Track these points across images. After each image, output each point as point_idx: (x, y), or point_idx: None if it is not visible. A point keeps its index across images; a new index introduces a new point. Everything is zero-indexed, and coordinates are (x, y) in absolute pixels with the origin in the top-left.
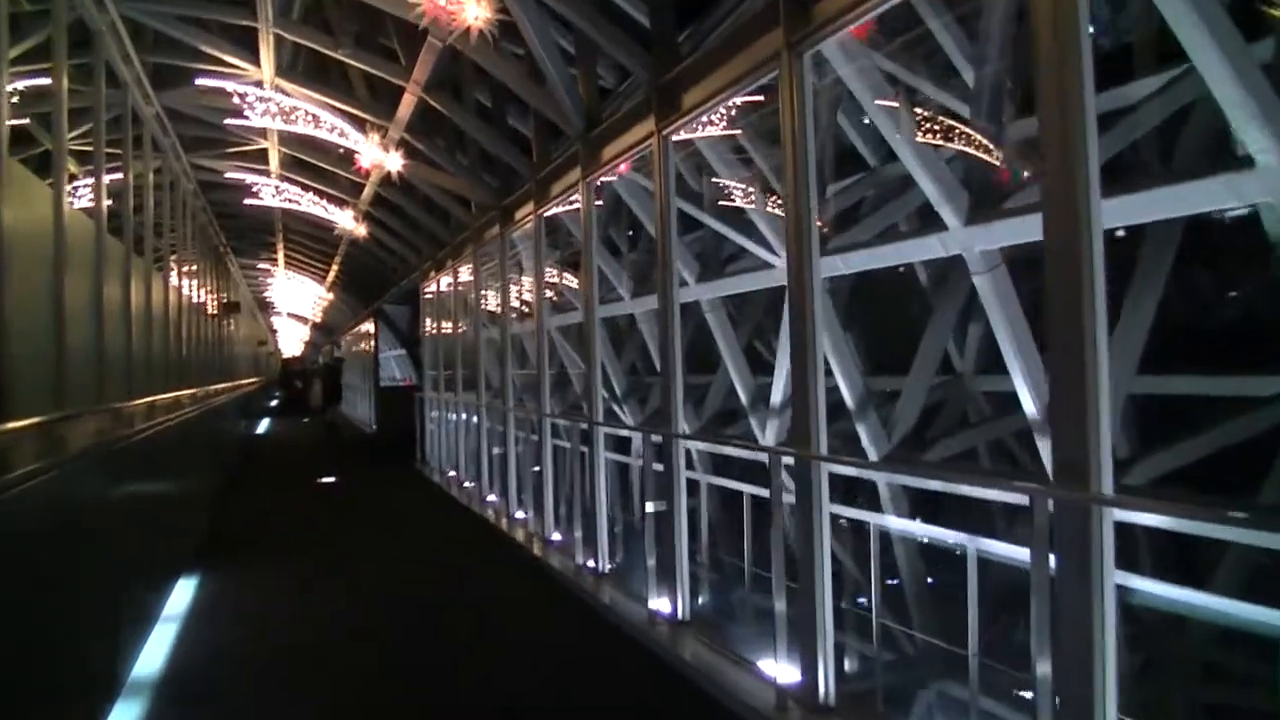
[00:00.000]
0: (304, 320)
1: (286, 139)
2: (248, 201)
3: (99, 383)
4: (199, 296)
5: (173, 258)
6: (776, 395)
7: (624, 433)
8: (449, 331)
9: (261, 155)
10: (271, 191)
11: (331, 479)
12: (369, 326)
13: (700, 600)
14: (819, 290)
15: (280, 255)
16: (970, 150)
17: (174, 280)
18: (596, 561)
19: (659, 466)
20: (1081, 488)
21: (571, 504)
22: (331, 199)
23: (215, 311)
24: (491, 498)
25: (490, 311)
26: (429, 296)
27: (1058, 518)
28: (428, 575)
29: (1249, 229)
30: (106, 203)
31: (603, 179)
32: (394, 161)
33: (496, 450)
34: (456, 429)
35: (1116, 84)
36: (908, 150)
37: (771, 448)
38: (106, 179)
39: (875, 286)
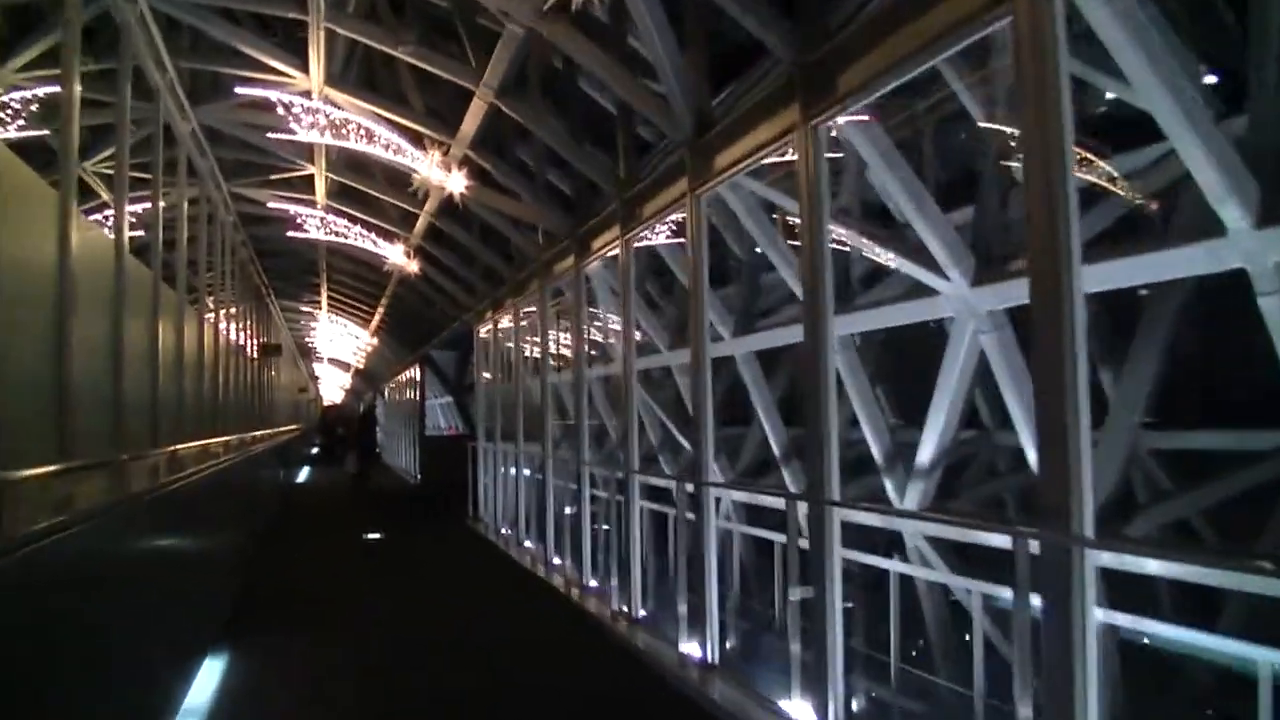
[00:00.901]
0: (346, 367)
1: (335, 164)
2: (291, 234)
3: (116, 429)
4: (238, 338)
5: (210, 298)
6: (924, 454)
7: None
8: (508, 376)
9: (307, 183)
10: (317, 223)
11: (377, 535)
12: (414, 373)
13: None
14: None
15: (324, 297)
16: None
17: (211, 319)
18: (704, 649)
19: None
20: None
21: (667, 577)
22: (381, 232)
23: (254, 355)
24: (557, 561)
25: (559, 354)
26: (485, 337)
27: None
28: (497, 665)
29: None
30: (131, 232)
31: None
32: (456, 182)
33: (568, 510)
34: (517, 484)
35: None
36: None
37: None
38: (136, 207)
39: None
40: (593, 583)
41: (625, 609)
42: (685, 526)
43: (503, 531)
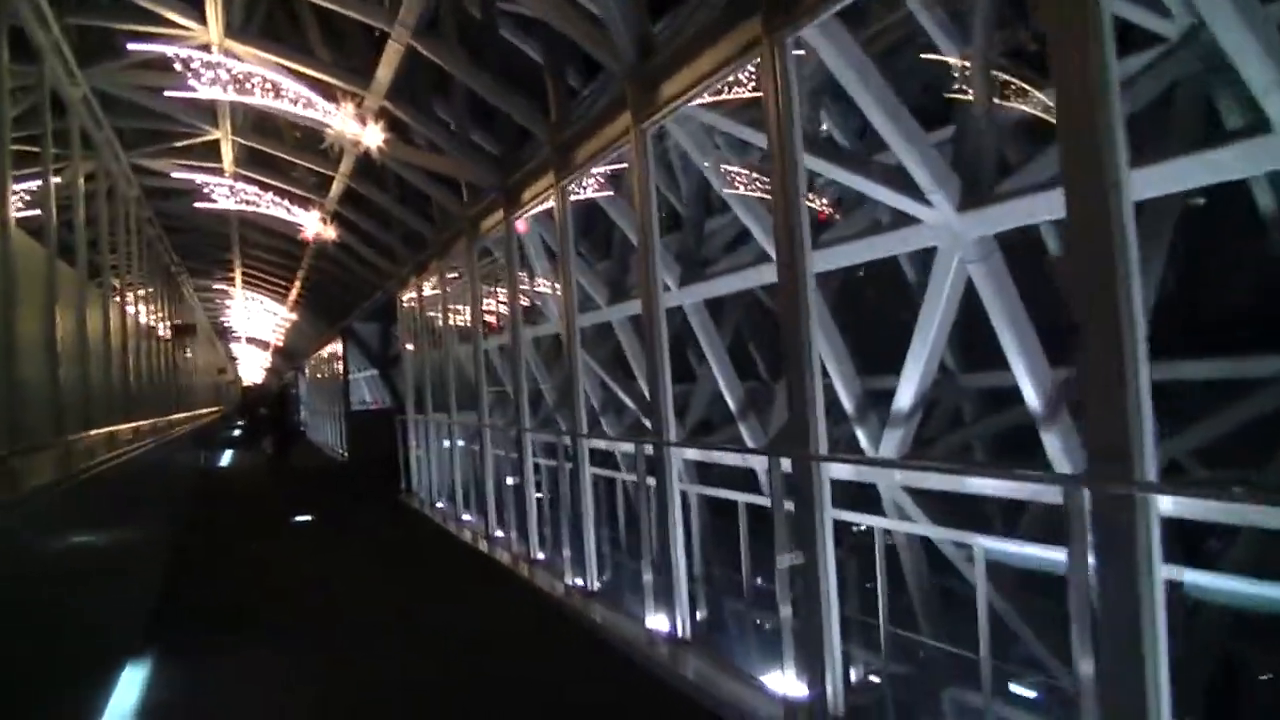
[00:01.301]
0: (265, 345)
1: (241, 127)
2: (199, 205)
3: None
4: (148, 320)
5: (115, 279)
6: (903, 399)
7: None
8: (436, 344)
9: (213, 151)
10: (226, 193)
11: (306, 517)
12: (337, 347)
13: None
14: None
15: (238, 274)
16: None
17: (118, 301)
18: (673, 623)
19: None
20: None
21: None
22: (295, 199)
23: (167, 336)
24: (500, 534)
25: (491, 318)
26: (409, 305)
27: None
28: (456, 654)
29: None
30: (27, 211)
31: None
32: (372, 136)
33: (510, 480)
34: (451, 455)
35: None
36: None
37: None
38: (22, 185)
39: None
40: (540, 555)
41: (580, 582)
42: (646, 492)
43: (438, 505)
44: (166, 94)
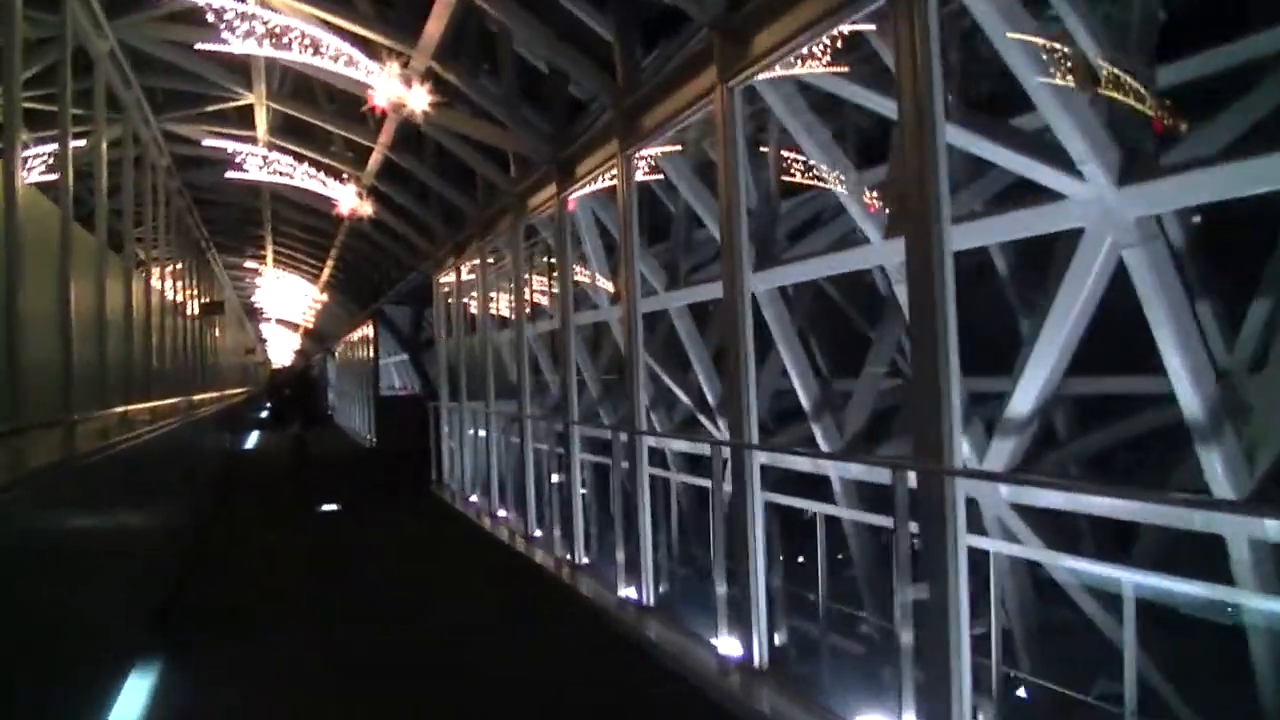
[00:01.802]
0: (295, 327)
1: (277, 92)
2: (230, 175)
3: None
4: (175, 296)
5: (140, 251)
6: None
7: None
8: (474, 329)
9: (247, 116)
10: (259, 162)
11: (333, 507)
12: (368, 330)
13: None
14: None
15: (269, 252)
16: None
17: (150, 280)
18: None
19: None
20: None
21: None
22: (330, 171)
23: (195, 314)
24: (538, 533)
25: (533, 302)
26: (446, 287)
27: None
28: (502, 677)
29: None
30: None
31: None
32: (418, 98)
33: (555, 477)
34: (487, 448)
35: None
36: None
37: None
38: (46, 148)
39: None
40: (585, 559)
41: (634, 594)
42: (720, 498)
43: (471, 499)
44: (198, 47)
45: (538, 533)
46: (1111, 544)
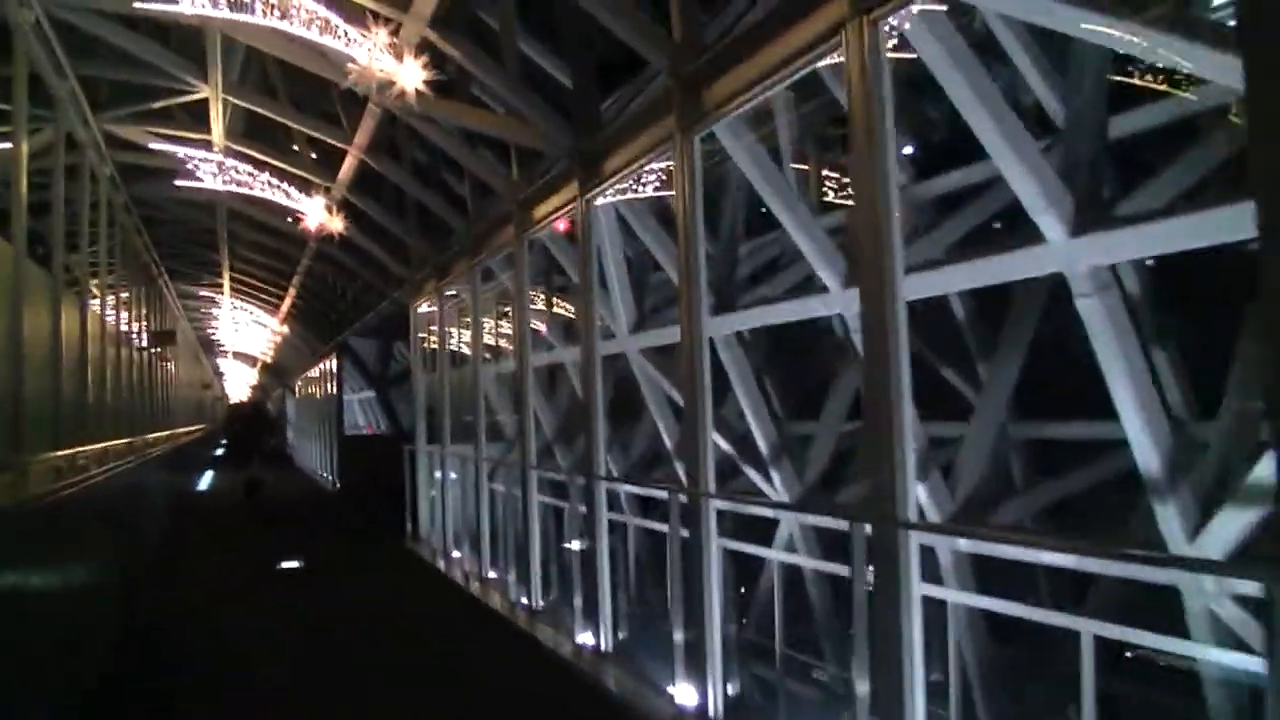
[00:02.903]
0: (254, 361)
1: (236, 82)
2: (182, 184)
3: None
4: (124, 326)
5: (92, 281)
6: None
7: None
8: (458, 361)
9: (199, 114)
10: (213, 170)
11: (294, 564)
12: (330, 364)
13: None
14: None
15: (226, 279)
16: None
17: (95, 307)
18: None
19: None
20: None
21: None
22: (295, 181)
23: (145, 344)
24: (535, 603)
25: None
26: (426, 313)
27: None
28: None
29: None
30: None
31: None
32: (410, 74)
33: (575, 545)
34: (477, 496)
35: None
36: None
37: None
38: None
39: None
40: (604, 644)
41: (695, 702)
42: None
43: (454, 554)
44: (139, 6)
45: (535, 602)
46: (1070, 587)
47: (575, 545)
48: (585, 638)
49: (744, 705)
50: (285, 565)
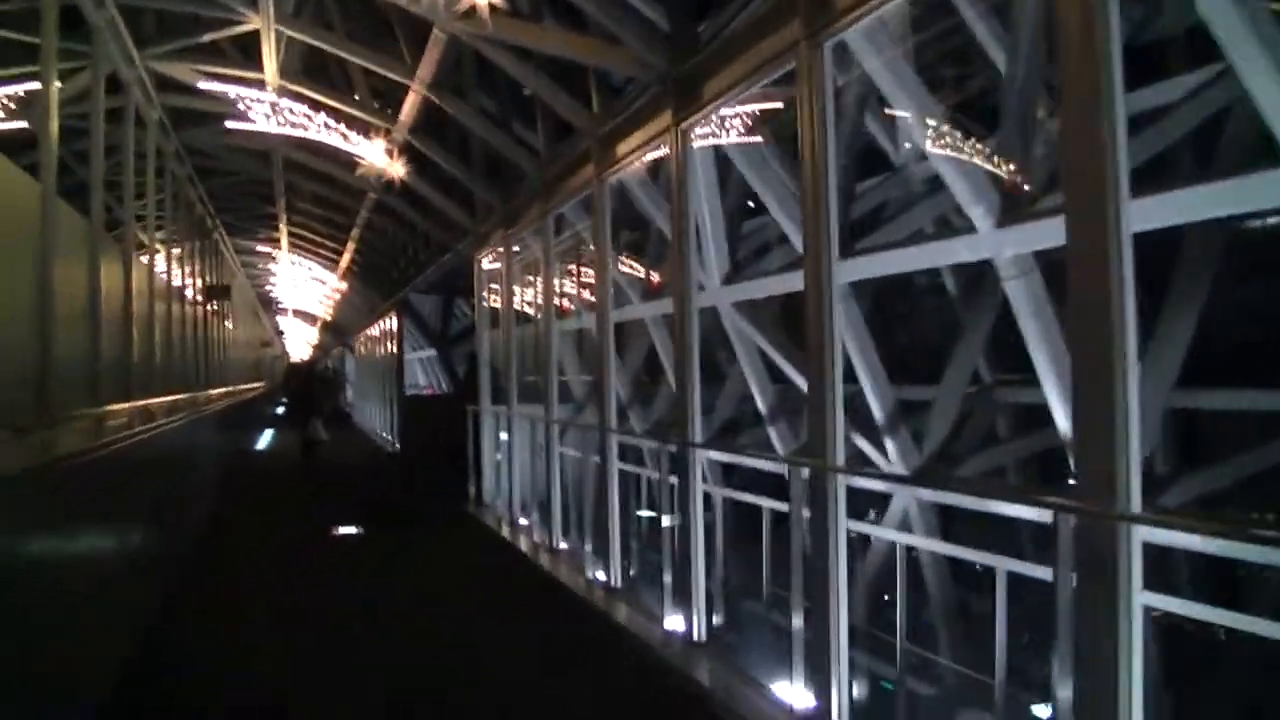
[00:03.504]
0: (313, 320)
1: (287, 15)
2: (231, 125)
3: None
4: (178, 280)
5: (141, 234)
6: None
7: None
8: (528, 317)
9: (250, 49)
10: (266, 111)
11: (353, 530)
12: (390, 323)
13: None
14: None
15: (284, 233)
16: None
17: (145, 259)
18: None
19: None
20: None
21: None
22: (354, 124)
23: (200, 300)
24: (614, 580)
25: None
26: (491, 267)
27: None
28: None
29: None
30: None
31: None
32: None
33: (667, 520)
34: (548, 461)
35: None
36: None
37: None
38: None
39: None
40: (699, 630)
41: (811, 705)
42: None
43: (520, 522)
44: None
45: (615, 579)
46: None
47: (666, 521)
48: (674, 622)
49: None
50: (342, 531)
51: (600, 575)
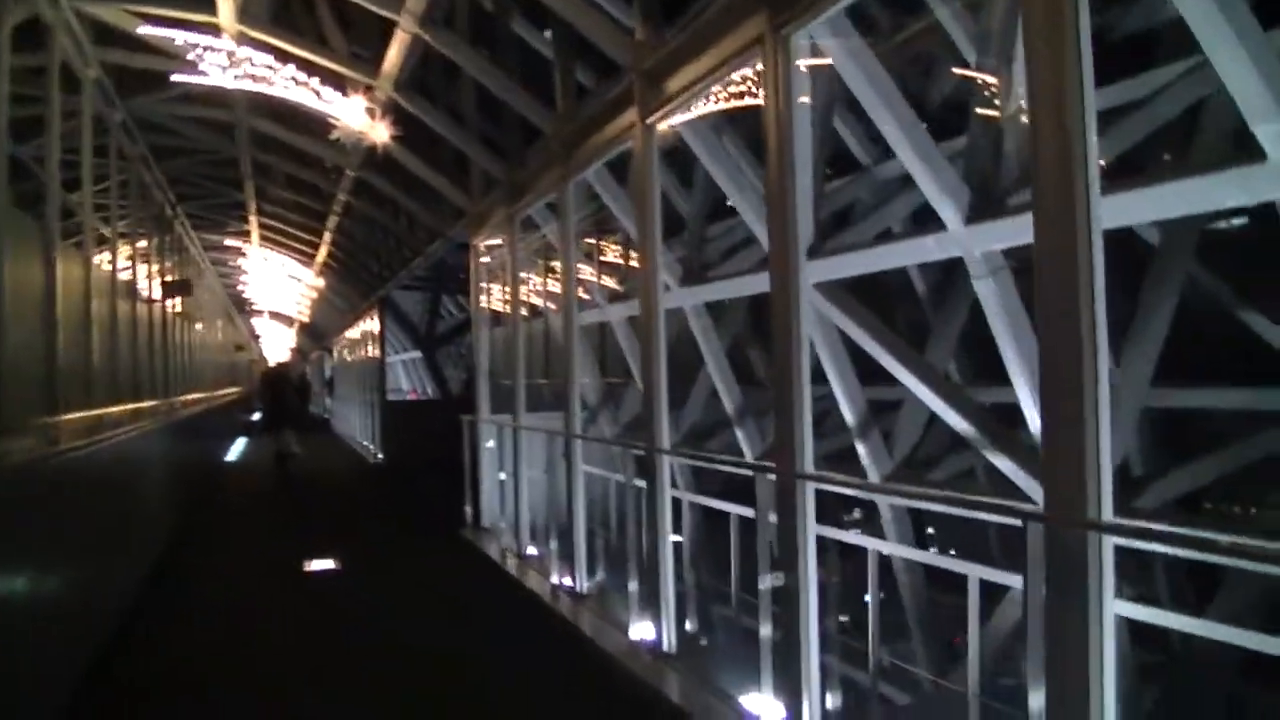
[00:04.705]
0: (290, 321)
1: None
2: (179, 78)
3: None
4: (131, 276)
5: (95, 223)
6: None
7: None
8: (564, 302)
9: None
10: (222, 63)
11: (327, 564)
12: (372, 323)
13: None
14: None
15: (254, 225)
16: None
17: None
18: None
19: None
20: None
21: None
22: (330, 78)
23: (155, 295)
24: (655, 634)
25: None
26: (489, 259)
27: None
28: None
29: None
30: None
31: None
32: None
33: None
34: (570, 482)
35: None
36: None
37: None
38: None
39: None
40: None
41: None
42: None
43: (530, 553)
44: None
45: (653, 633)
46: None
47: (765, 582)
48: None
49: None
50: (314, 566)
51: (646, 635)
